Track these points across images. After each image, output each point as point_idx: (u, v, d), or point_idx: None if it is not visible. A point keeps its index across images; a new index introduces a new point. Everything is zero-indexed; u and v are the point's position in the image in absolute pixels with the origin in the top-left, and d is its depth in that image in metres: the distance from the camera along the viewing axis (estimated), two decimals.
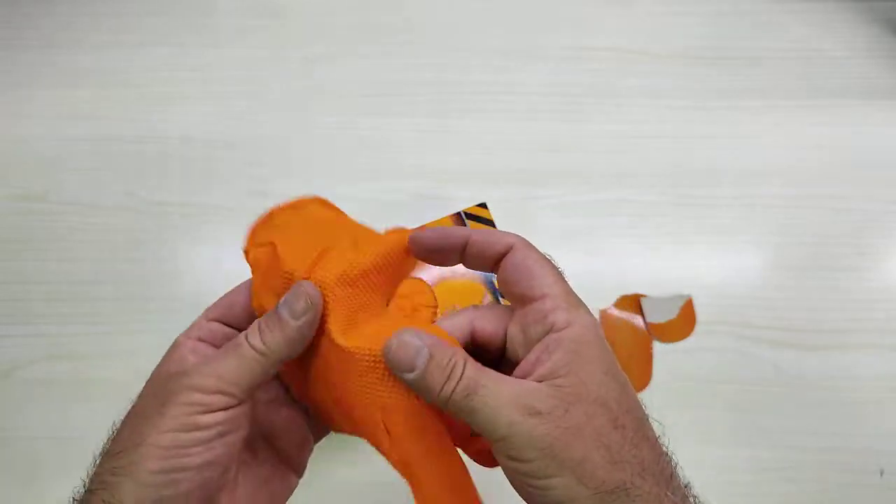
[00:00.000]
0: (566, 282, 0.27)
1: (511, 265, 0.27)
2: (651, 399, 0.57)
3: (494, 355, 0.28)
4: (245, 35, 0.71)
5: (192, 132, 0.65)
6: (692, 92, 0.67)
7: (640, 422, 0.25)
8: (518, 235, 0.28)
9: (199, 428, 0.25)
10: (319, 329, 0.27)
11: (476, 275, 0.50)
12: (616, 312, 0.56)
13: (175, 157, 0.63)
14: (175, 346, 0.29)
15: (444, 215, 0.53)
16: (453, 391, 0.24)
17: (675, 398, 0.53)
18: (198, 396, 0.25)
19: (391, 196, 0.61)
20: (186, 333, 0.29)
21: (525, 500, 0.25)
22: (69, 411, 0.52)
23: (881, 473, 0.50)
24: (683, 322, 0.55)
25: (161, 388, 0.26)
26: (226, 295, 0.30)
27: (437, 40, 0.70)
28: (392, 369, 0.25)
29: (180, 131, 0.65)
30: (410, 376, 0.24)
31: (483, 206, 0.54)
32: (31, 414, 0.52)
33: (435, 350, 0.24)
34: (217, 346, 0.29)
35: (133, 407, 0.27)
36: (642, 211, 0.61)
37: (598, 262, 0.58)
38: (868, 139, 0.65)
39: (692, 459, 0.52)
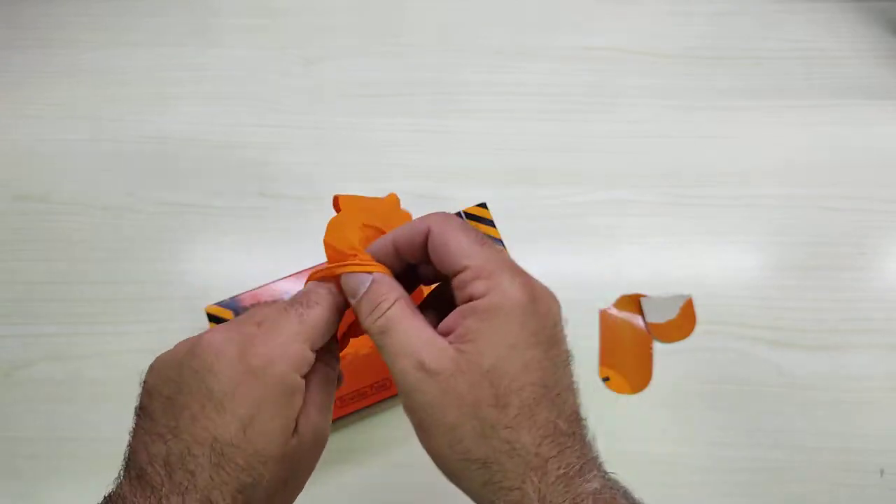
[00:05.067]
0: (493, 248, 0.27)
1: (432, 248, 0.27)
2: (651, 399, 0.57)
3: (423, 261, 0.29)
4: (245, 35, 0.71)
5: (192, 132, 0.65)
6: (692, 92, 0.67)
7: (536, 405, 0.24)
8: (437, 214, 0.28)
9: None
10: None
11: None
12: (616, 312, 0.56)
13: (175, 157, 0.63)
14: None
15: None
16: (372, 325, 0.27)
17: (675, 398, 0.53)
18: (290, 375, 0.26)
19: None
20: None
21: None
22: (69, 411, 0.52)
23: (881, 473, 0.50)
24: (683, 322, 0.55)
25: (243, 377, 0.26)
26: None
27: (437, 40, 0.70)
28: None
29: (180, 131, 0.65)
30: (352, 301, 0.28)
31: (483, 206, 0.54)
32: (31, 414, 0.52)
33: (375, 285, 0.27)
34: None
35: (182, 391, 0.26)
36: (642, 211, 0.61)
37: (598, 262, 0.58)
38: (868, 139, 0.65)
39: (692, 459, 0.52)
